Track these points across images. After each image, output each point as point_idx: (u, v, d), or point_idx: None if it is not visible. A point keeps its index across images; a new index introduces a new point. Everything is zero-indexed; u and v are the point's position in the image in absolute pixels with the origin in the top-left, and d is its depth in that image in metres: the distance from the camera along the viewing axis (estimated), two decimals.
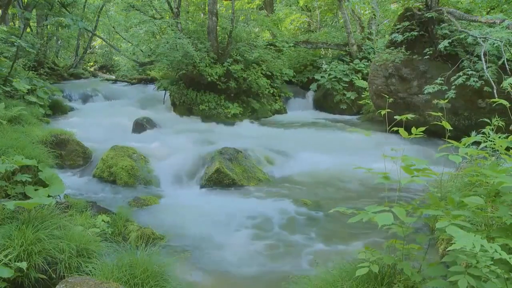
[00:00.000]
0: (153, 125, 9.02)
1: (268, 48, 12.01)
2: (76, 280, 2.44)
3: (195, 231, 4.21)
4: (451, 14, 8.11)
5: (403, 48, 8.63)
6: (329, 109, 12.24)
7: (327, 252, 3.78)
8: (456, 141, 2.47)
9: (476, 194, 2.25)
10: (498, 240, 1.98)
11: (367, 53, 12.77)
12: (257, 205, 5.01)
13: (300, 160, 6.70)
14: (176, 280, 2.79)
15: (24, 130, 5.72)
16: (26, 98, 8.41)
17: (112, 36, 22.15)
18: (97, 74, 19.55)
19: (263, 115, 11.27)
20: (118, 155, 5.89)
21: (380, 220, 2.08)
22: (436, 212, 2.19)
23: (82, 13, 13.98)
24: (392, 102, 8.28)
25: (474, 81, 7.17)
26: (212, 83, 10.32)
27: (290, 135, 8.79)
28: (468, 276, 1.86)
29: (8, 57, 9.31)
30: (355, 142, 7.32)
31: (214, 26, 10.54)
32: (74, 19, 9.31)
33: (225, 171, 5.73)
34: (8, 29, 7.86)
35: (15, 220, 2.97)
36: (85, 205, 4.12)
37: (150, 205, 4.90)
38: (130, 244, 3.19)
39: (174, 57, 9.94)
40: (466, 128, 7.25)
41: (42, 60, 14.31)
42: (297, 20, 16.88)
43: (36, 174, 4.16)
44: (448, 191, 3.20)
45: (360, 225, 2.74)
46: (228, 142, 6.82)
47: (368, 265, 2.26)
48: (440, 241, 3.39)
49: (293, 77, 12.74)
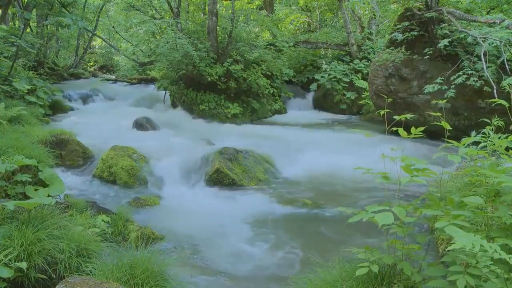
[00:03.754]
0: (153, 125, 9.02)
1: (268, 48, 12.00)
2: (76, 280, 2.44)
3: (195, 231, 4.21)
4: (451, 14, 8.11)
5: (403, 48, 8.63)
6: (329, 109, 12.24)
7: (327, 252, 3.77)
8: (456, 141, 2.47)
9: (476, 194, 2.25)
10: (498, 240, 1.98)
11: (367, 53, 12.77)
12: (257, 205, 5.01)
13: (300, 160, 6.69)
14: (176, 280, 2.79)
15: (24, 130, 5.71)
16: (26, 98, 8.42)
17: (112, 36, 22.16)
18: (97, 74, 19.54)
19: (263, 115, 11.27)
20: (118, 155, 5.89)
21: (380, 220, 2.08)
22: (435, 212, 2.19)
23: (82, 13, 13.97)
24: (392, 102, 8.28)
25: (474, 81, 7.17)
26: (212, 83, 10.32)
27: (290, 135, 8.78)
28: (467, 276, 1.86)
29: (8, 57, 9.32)
30: (355, 142, 7.31)
31: (214, 26, 10.54)
32: (74, 19, 9.30)
33: (225, 171, 5.73)
34: (8, 29, 7.85)
35: (15, 220, 2.97)
36: (85, 205, 4.12)
37: (150, 205, 4.90)
38: (130, 244, 3.20)
39: (174, 57, 9.95)
40: (466, 128, 7.25)
41: (42, 60, 14.31)
42: (297, 20, 16.87)
43: (36, 174, 4.16)
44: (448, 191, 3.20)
45: (360, 225, 2.74)
46: (228, 142, 6.82)
47: (368, 265, 2.26)
48: (440, 241, 3.39)
49: (293, 77, 12.74)
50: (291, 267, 3.54)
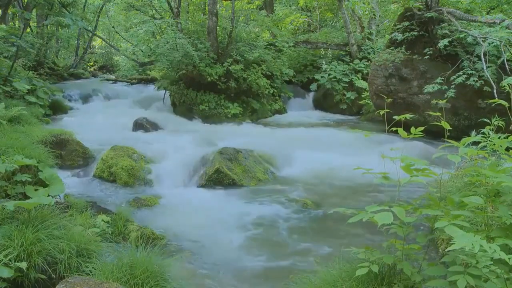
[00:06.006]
0: (153, 125, 9.02)
1: (268, 48, 11.99)
2: (76, 280, 2.44)
3: (195, 231, 4.21)
4: (451, 14, 8.11)
5: (403, 48, 8.63)
6: (329, 109, 12.24)
7: (327, 252, 3.78)
8: (456, 141, 2.47)
9: (476, 194, 2.25)
10: (498, 240, 1.97)
11: (367, 53, 12.77)
12: (257, 205, 5.01)
13: (300, 160, 6.69)
14: (176, 280, 2.80)
15: (24, 130, 5.71)
16: (26, 98, 8.41)
17: (112, 36, 22.16)
18: (97, 74, 19.53)
19: (263, 115, 11.27)
20: (118, 155, 5.89)
21: (380, 219, 2.08)
22: (435, 212, 2.19)
23: (82, 13, 13.96)
24: (392, 102, 8.28)
25: (474, 81, 7.17)
26: (212, 83, 10.32)
27: (290, 135, 8.78)
28: (467, 276, 1.86)
29: (8, 57, 9.32)
30: (355, 142, 7.31)
31: (214, 26, 10.54)
32: (74, 19, 9.29)
33: (225, 171, 5.73)
34: (8, 29, 7.84)
35: (15, 220, 2.97)
36: (85, 205, 4.12)
37: (150, 205, 4.89)
38: (130, 244, 3.20)
39: (174, 57, 9.94)
40: (466, 128, 7.25)
41: (42, 60, 14.30)
42: (297, 20, 16.87)
43: (36, 174, 4.15)
44: (448, 191, 3.20)
45: (360, 225, 2.74)
46: (228, 142, 6.82)
47: (368, 265, 2.26)
48: (440, 241, 3.39)
49: (293, 77, 12.74)
50: (291, 267, 3.54)
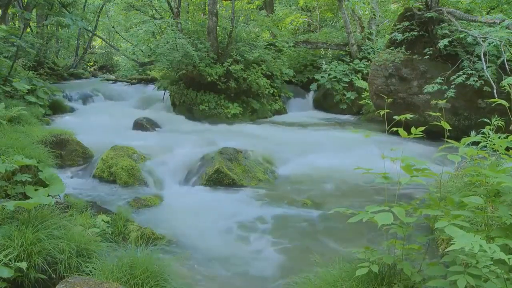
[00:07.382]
0: (153, 125, 9.02)
1: (268, 48, 11.99)
2: (76, 280, 2.44)
3: (195, 231, 4.21)
4: (451, 14, 8.11)
5: (403, 48, 8.63)
6: (329, 109, 12.23)
7: (327, 252, 3.78)
8: (456, 141, 2.47)
9: (476, 194, 2.25)
10: (498, 240, 1.98)
11: (367, 53, 12.76)
12: (257, 205, 5.01)
13: (300, 160, 6.69)
14: (176, 280, 2.80)
15: (24, 130, 5.71)
16: (26, 98, 8.41)
17: (112, 36, 22.17)
18: (97, 74, 19.54)
19: (263, 115, 11.26)
20: (118, 155, 5.89)
21: (380, 220, 2.08)
22: (435, 212, 2.19)
23: (82, 13, 13.97)
24: (392, 102, 8.28)
25: (474, 81, 7.17)
26: (212, 83, 10.31)
27: (290, 135, 8.78)
28: (467, 276, 1.87)
29: (8, 57, 9.32)
30: (355, 142, 7.30)
31: (214, 26, 10.54)
32: (74, 19, 9.30)
33: (225, 171, 5.73)
34: (8, 29, 7.84)
35: (15, 220, 2.97)
36: (85, 205, 4.12)
37: (150, 205, 4.89)
38: (130, 244, 3.20)
39: (174, 57, 9.94)
40: (466, 128, 7.25)
41: (42, 60, 14.31)
42: (297, 20, 16.86)
43: (36, 174, 4.16)
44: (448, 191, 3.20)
45: (360, 225, 2.74)
46: (228, 142, 6.81)
47: (368, 265, 2.26)
48: (440, 241, 3.39)
49: (293, 77, 12.73)
50: (291, 267, 3.54)
